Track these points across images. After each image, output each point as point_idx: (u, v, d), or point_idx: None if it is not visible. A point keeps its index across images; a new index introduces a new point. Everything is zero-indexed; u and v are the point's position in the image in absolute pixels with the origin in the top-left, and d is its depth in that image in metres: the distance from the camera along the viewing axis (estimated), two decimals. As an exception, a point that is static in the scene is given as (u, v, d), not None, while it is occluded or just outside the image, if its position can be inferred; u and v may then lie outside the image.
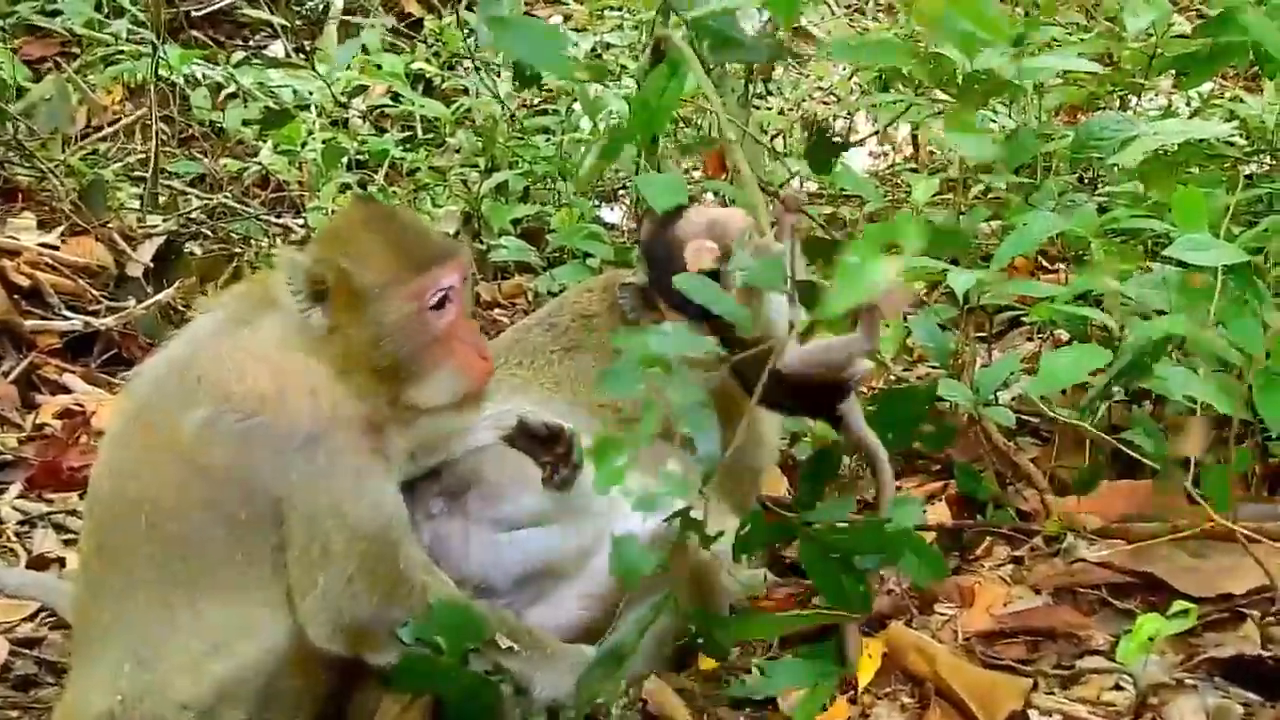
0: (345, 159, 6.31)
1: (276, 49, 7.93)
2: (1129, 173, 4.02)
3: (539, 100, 6.84)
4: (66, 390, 4.77)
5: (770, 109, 7.04)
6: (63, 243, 5.45)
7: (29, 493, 4.05)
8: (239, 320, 2.61)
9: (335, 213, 2.89)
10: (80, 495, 3.85)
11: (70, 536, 3.73)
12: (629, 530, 2.80)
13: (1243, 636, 2.84)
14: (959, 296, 3.64)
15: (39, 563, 3.61)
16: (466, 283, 2.69)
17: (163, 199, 6.23)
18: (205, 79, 6.86)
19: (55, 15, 6.96)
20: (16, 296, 5.01)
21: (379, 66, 6.92)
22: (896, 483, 3.71)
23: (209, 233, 6.09)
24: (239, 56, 7.17)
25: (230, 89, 6.80)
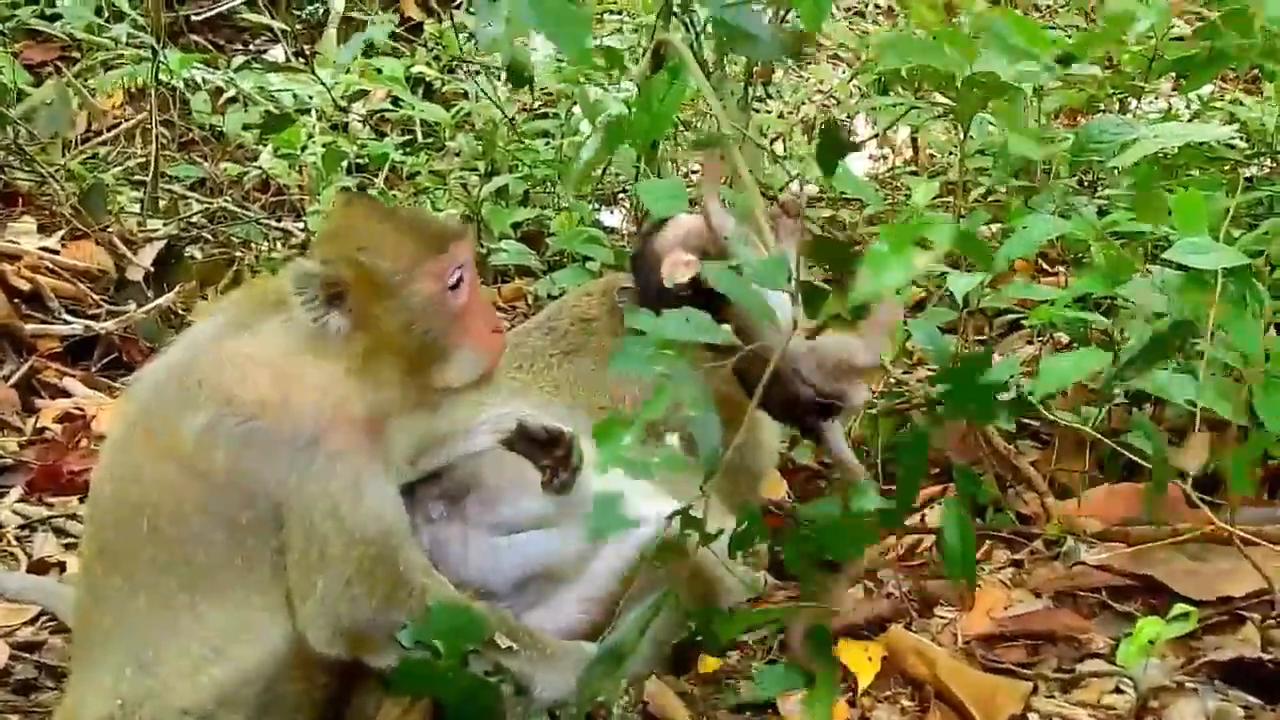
0: (345, 163, 6.31)
1: (277, 53, 7.95)
2: (1128, 175, 4.02)
3: (539, 104, 6.84)
4: (67, 394, 4.76)
5: (770, 112, 7.05)
6: (63, 247, 5.46)
7: (29, 497, 4.04)
8: (239, 324, 2.61)
9: (328, 215, 2.87)
10: (81, 499, 3.86)
11: (71, 541, 3.74)
12: (631, 531, 2.83)
13: (1243, 639, 2.83)
14: (958, 300, 3.64)
15: (39, 567, 3.61)
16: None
17: (163, 203, 6.24)
18: (205, 83, 6.86)
19: (56, 20, 6.97)
20: (17, 300, 5.01)
21: (379, 70, 6.93)
22: (892, 486, 3.74)
23: (209, 237, 6.10)
24: (239, 61, 7.18)
25: (230, 93, 6.81)
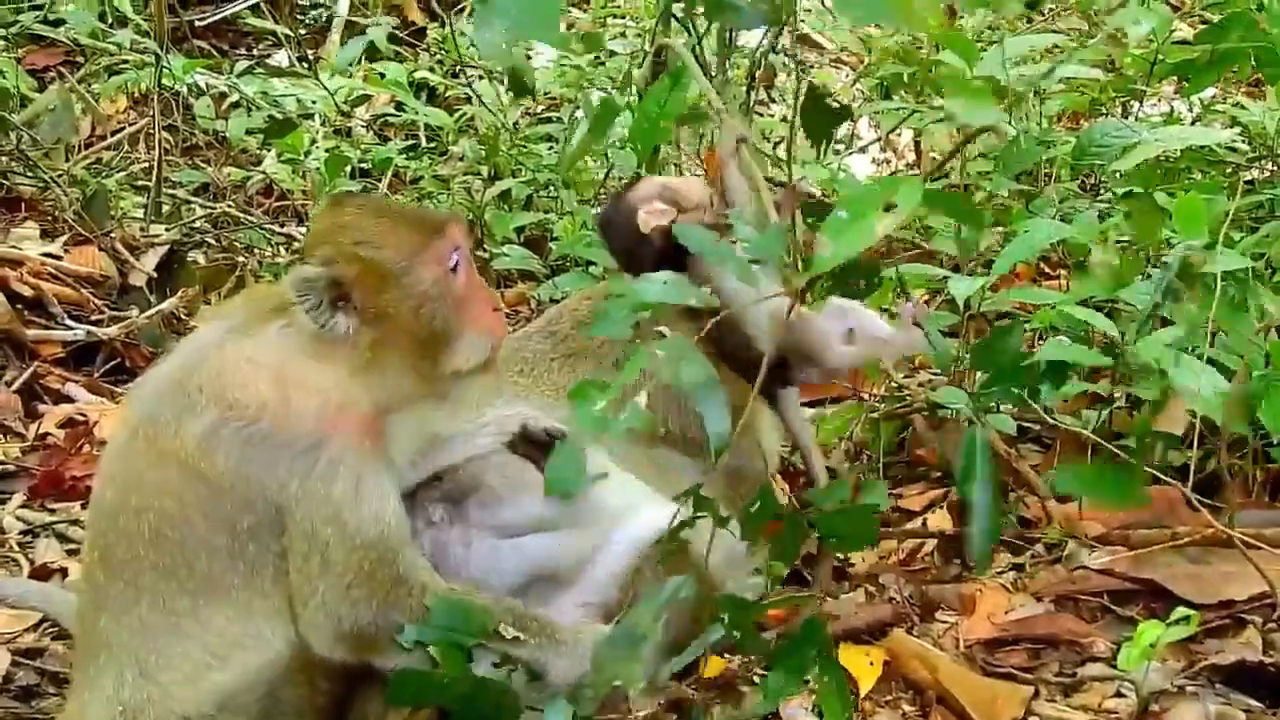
0: (348, 168, 6.32)
1: (280, 58, 7.96)
2: (1129, 178, 4.02)
3: (542, 108, 6.85)
4: (69, 400, 4.78)
5: (772, 115, 7.05)
6: (66, 252, 5.48)
7: (31, 502, 4.05)
8: (241, 329, 2.61)
9: (316, 220, 2.87)
10: (83, 505, 3.85)
11: (73, 546, 3.74)
12: (632, 535, 2.83)
13: (1244, 643, 2.83)
14: (959, 303, 3.64)
15: (41, 573, 3.61)
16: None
17: (166, 208, 6.25)
18: (209, 88, 6.88)
19: (59, 25, 6.98)
20: (20, 306, 5.02)
21: (382, 75, 6.94)
22: (897, 490, 3.75)
23: (212, 242, 6.12)
24: (242, 66, 7.18)
25: (234, 98, 6.82)
